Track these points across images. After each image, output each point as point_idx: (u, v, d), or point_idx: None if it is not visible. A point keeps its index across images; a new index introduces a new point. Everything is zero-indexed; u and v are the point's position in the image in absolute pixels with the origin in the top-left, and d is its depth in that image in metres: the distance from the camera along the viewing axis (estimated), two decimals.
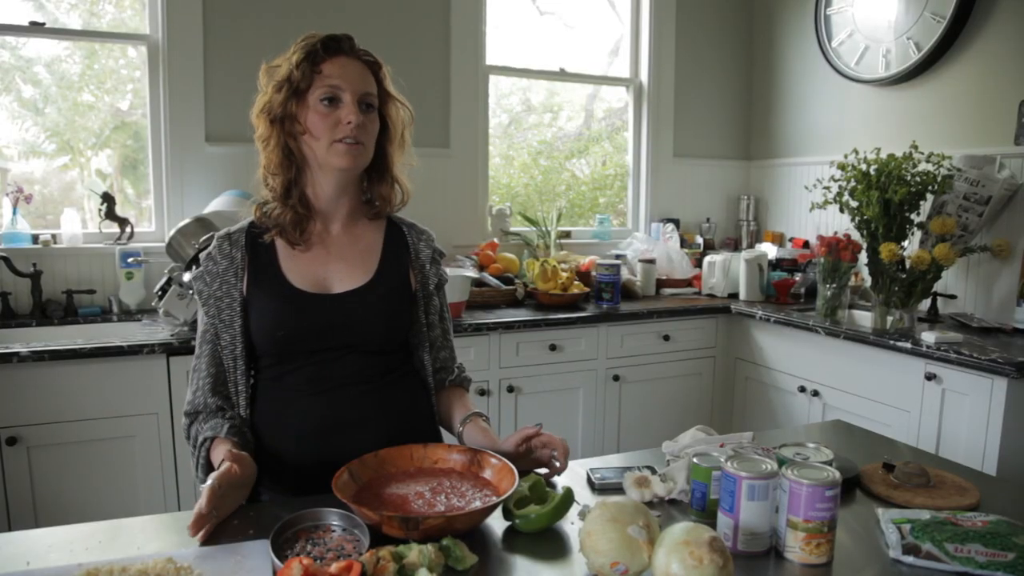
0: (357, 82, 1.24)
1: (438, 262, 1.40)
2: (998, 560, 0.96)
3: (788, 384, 2.80)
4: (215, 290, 1.28)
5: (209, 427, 1.22)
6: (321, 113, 1.22)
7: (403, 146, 1.35)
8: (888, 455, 1.35)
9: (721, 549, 0.87)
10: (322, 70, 1.22)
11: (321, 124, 1.22)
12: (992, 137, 2.70)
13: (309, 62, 1.22)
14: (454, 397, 1.40)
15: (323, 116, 1.22)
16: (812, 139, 3.46)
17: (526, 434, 1.23)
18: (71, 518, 1.85)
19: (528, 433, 1.23)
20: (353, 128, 1.21)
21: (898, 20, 2.98)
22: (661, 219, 3.59)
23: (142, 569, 0.91)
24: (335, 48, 1.24)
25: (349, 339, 1.27)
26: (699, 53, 3.67)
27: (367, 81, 1.26)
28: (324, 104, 1.22)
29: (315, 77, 1.22)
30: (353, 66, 1.25)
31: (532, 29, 3.46)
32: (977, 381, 2.12)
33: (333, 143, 1.22)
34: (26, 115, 2.69)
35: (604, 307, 2.87)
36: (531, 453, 1.23)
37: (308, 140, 1.24)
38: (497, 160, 3.45)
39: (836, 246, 2.67)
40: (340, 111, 1.22)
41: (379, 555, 0.90)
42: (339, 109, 1.22)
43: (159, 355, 2.14)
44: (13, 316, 2.47)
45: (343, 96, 1.22)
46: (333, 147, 1.23)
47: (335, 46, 1.24)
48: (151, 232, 2.76)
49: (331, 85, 1.22)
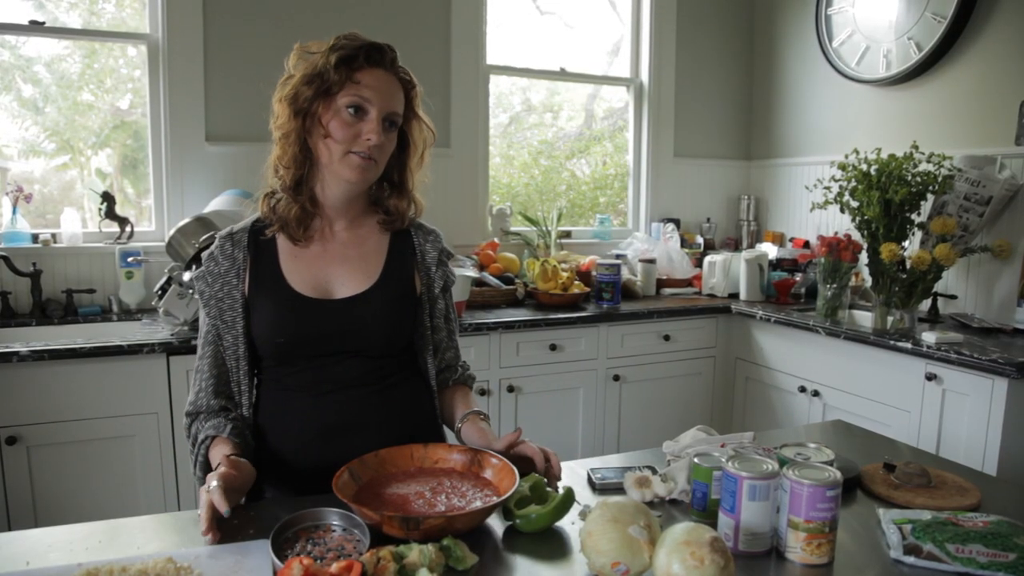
0: (387, 99, 1.21)
1: (445, 263, 1.39)
2: (999, 560, 0.96)
3: (788, 384, 2.80)
4: (216, 291, 1.27)
5: (211, 426, 1.22)
6: (345, 121, 1.19)
7: (421, 164, 1.34)
8: (889, 455, 1.35)
9: (722, 549, 0.87)
10: (357, 79, 1.19)
11: (342, 132, 1.20)
12: (993, 137, 2.70)
13: (347, 66, 1.18)
14: (457, 395, 1.39)
15: (346, 125, 1.19)
16: (812, 139, 3.46)
17: (508, 440, 1.21)
18: (71, 518, 1.85)
19: (510, 440, 1.21)
20: (373, 145, 1.20)
21: (899, 20, 2.98)
22: (661, 219, 3.59)
23: (142, 569, 0.91)
24: (376, 59, 1.21)
25: (350, 344, 1.26)
26: (699, 53, 3.67)
27: (397, 100, 1.24)
28: (350, 112, 1.19)
29: (348, 84, 1.19)
30: (388, 82, 1.22)
31: (532, 29, 3.46)
32: (977, 381, 2.12)
33: (348, 153, 1.20)
34: (26, 114, 2.68)
35: (604, 307, 2.87)
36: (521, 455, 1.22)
37: (326, 142, 1.22)
38: (497, 160, 3.45)
39: (836, 246, 2.67)
40: (364, 124, 1.20)
41: (379, 555, 0.90)
42: (363, 122, 1.20)
43: (159, 355, 2.14)
44: (13, 315, 2.47)
45: (370, 110, 1.20)
46: (347, 157, 1.21)
47: (377, 57, 1.21)
48: (151, 231, 2.76)
49: (362, 96, 1.19)
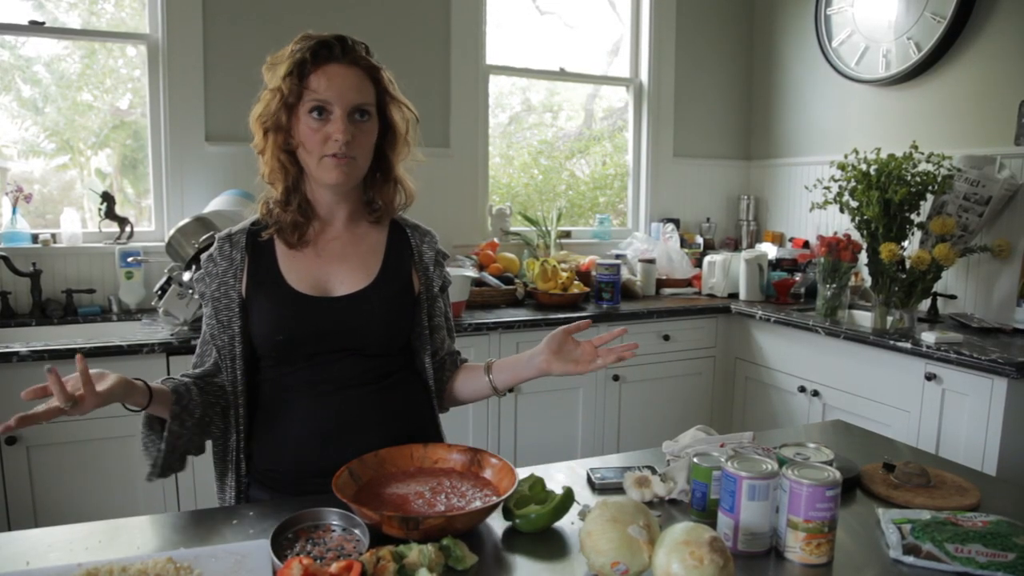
0: (347, 94, 1.18)
1: (442, 264, 1.39)
2: (998, 560, 0.96)
3: (788, 384, 2.80)
4: (214, 291, 1.27)
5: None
6: (311, 127, 1.18)
7: (407, 147, 1.31)
8: (888, 455, 1.35)
9: (721, 549, 0.87)
10: (310, 84, 1.17)
11: (312, 138, 1.18)
12: (992, 137, 2.70)
13: (296, 75, 1.17)
14: (463, 371, 1.42)
15: (313, 130, 1.18)
16: (812, 139, 3.46)
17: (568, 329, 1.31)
18: (71, 518, 1.85)
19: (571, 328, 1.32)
20: (342, 145, 1.18)
21: (898, 20, 2.98)
22: (661, 219, 3.59)
23: (142, 569, 0.91)
24: (325, 56, 1.18)
25: (350, 343, 1.26)
26: (699, 53, 3.67)
27: (361, 90, 1.21)
28: (314, 117, 1.18)
29: (303, 91, 1.17)
30: (344, 75, 1.19)
31: (532, 29, 3.46)
32: (977, 381, 2.12)
33: (323, 158, 1.19)
34: (26, 114, 2.68)
35: (604, 307, 2.87)
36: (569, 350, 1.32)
37: (302, 152, 1.21)
38: (497, 160, 3.45)
39: (836, 246, 2.67)
40: (330, 125, 1.18)
41: (379, 555, 0.90)
42: (329, 123, 1.18)
43: (159, 355, 2.14)
44: (13, 316, 2.47)
45: (332, 108, 1.18)
46: (323, 162, 1.20)
47: (326, 53, 1.18)
48: (151, 232, 2.76)
49: (319, 98, 1.17)
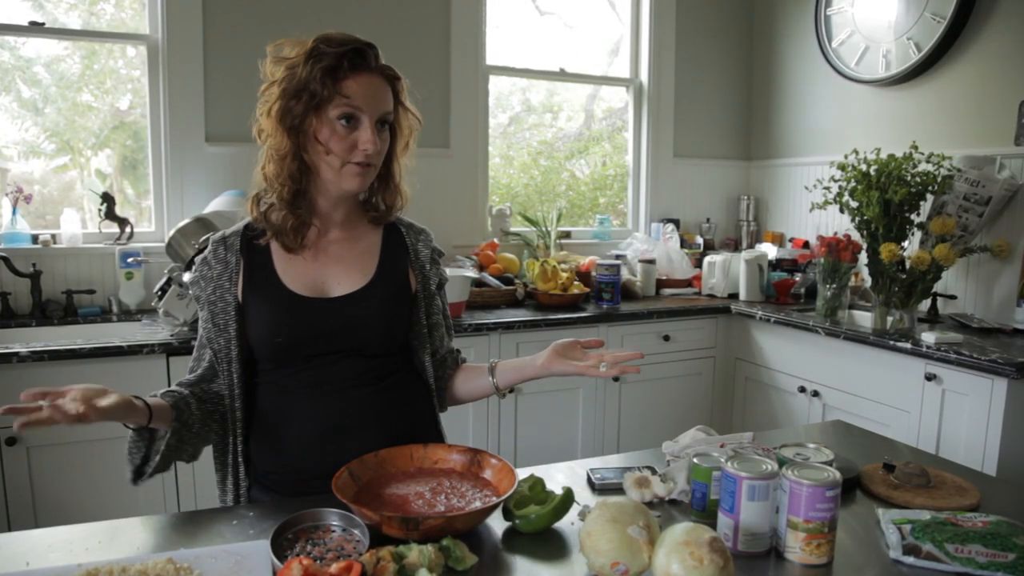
0: (377, 103, 1.19)
1: (438, 262, 1.40)
2: (998, 561, 0.96)
3: (788, 384, 2.80)
4: (209, 294, 1.27)
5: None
6: (339, 133, 1.17)
7: (406, 152, 1.32)
8: (888, 455, 1.35)
9: (721, 549, 0.87)
10: (344, 88, 1.17)
11: (338, 144, 1.17)
12: (992, 137, 2.70)
13: (332, 77, 1.16)
14: (464, 370, 1.43)
15: (341, 137, 1.17)
16: (812, 139, 3.46)
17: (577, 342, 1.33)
18: (71, 518, 1.85)
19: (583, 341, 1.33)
20: (371, 155, 1.19)
21: (898, 20, 2.98)
22: (661, 219, 3.59)
23: (142, 569, 0.91)
24: (360, 63, 1.18)
25: (348, 343, 1.26)
26: (699, 53, 3.67)
27: (386, 99, 1.21)
28: (343, 124, 1.17)
29: (336, 96, 1.16)
30: (374, 84, 1.19)
31: (532, 29, 3.46)
32: (977, 381, 2.12)
33: (346, 164, 1.19)
34: (25, 115, 2.68)
35: (604, 307, 2.87)
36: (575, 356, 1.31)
37: (318, 155, 1.20)
38: (497, 160, 3.45)
39: (836, 246, 2.67)
40: (359, 133, 1.18)
41: (379, 555, 0.90)
42: (357, 131, 1.18)
43: (159, 355, 2.14)
44: (13, 316, 2.47)
45: (363, 118, 1.18)
46: (346, 168, 1.20)
47: (360, 61, 1.18)
48: (151, 232, 2.76)
49: (353, 106, 1.17)
